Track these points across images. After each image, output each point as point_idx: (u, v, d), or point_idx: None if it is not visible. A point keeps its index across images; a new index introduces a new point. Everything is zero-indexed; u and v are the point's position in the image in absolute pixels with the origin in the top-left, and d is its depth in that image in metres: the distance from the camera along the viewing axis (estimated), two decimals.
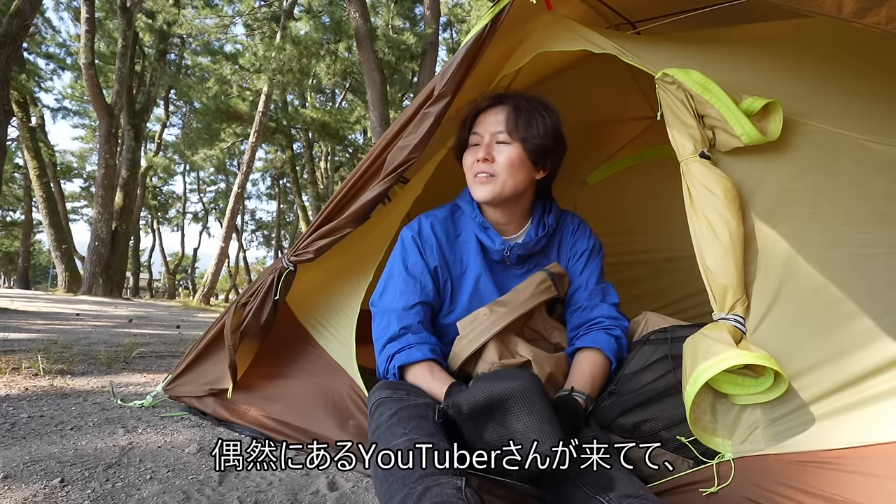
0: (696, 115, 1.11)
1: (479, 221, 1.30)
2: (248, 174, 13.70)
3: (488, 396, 0.87)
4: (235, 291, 27.68)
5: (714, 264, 1.02)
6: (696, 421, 1.01)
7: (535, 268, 1.32)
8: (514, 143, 1.22)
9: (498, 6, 1.30)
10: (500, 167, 1.22)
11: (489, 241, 1.29)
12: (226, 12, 14.96)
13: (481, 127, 1.26)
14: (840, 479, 0.87)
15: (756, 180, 1.07)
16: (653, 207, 2.50)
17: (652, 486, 1.03)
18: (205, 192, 29.92)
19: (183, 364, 1.69)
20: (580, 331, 1.27)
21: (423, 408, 1.00)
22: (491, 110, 1.26)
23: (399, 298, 1.24)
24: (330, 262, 1.56)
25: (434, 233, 1.30)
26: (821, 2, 0.91)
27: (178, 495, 1.08)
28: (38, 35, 15.78)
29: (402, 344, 1.19)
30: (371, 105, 8.26)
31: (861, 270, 0.96)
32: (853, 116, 1.09)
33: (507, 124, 1.22)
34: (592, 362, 1.19)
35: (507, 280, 1.31)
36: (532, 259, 1.33)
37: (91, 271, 10.96)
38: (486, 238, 1.29)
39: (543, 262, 1.33)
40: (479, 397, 0.87)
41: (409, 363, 1.16)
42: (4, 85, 5.82)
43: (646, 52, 1.25)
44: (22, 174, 19.66)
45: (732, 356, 0.92)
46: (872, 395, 0.89)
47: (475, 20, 13.06)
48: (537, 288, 1.24)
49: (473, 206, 1.31)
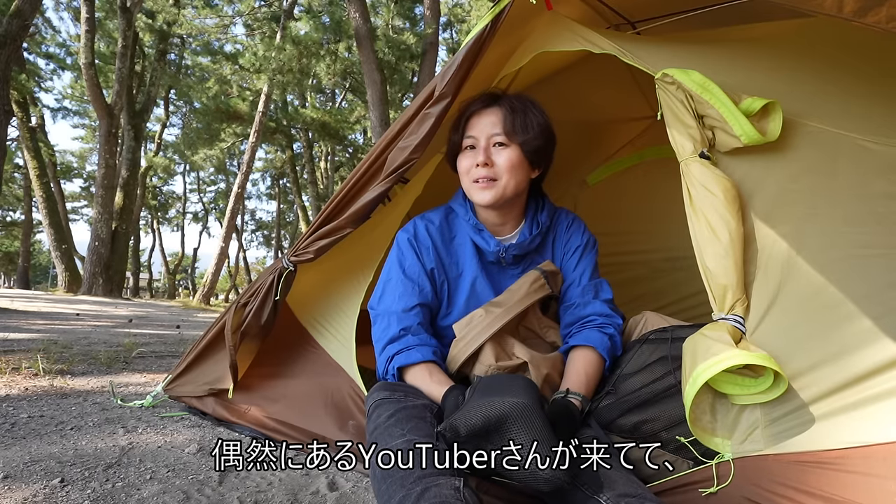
0: (695, 115, 1.11)
1: (472, 224, 1.29)
2: (248, 174, 13.70)
3: (485, 417, 0.84)
4: (235, 291, 27.69)
5: (714, 264, 1.02)
6: (695, 421, 1.01)
7: (530, 266, 1.31)
8: (512, 145, 1.21)
9: (498, 6, 1.30)
10: (500, 170, 1.21)
11: (484, 243, 1.28)
12: (226, 12, 14.97)
13: (476, 129, 1.24)
14: (840, 479, 0.87)
15: (755, 180, 1.07)
16: (653, 207, 2.50)
17: (652, 486, 1.03)
18: (205, 192, 29.96)
19: (183, 364, 1.69)
20: (573, 328, 1.26)
21: (422, 409, 1.00)
22: (484, 112, 1.24)
23: (398, 301, 1.24)
24: (330, 263, 1.56)
25: (430, 235, 1.30)
26: (821, 1, 0.91)
27: (178, 495, 1.08)
28: (38, 35, 15.79)
29: (402, 345, 1.18)
30: (371, 105, 8.26)
31: (860, 271, 0.96)
32: (852, 117, 1.09)
33: (503, 126, 1.21)
34: (586, 361, 1.18)
35: (504, 280, 1.31)
36: (527, 258, 1.33)
37: (91, 271, 10.96)
38: (481, 240, 1.28)
39: (539, 260, 1.33)
40: (476, 419, 0.85)
41: (409, 364, 1.16)
42: (4, 85, 5.82)
43: (645, 53, 1.25)
44: (22, 174, 19.67)
45: (732, 356, 0.92)
46: (872, 396, 0.89)
47: (475, 20, 13.07)
48: (531, 287, 1.24)
49: (467, 208, 1.30)
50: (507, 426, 0.84)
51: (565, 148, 1.36)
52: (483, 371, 1.17)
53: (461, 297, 1.29)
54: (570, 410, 1.05)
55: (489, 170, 1.21)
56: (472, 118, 1.26)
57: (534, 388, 0.93)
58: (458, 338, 1.21)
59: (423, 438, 0.89)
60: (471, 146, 1.25)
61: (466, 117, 1.27)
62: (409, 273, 1.27)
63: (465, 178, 1.27)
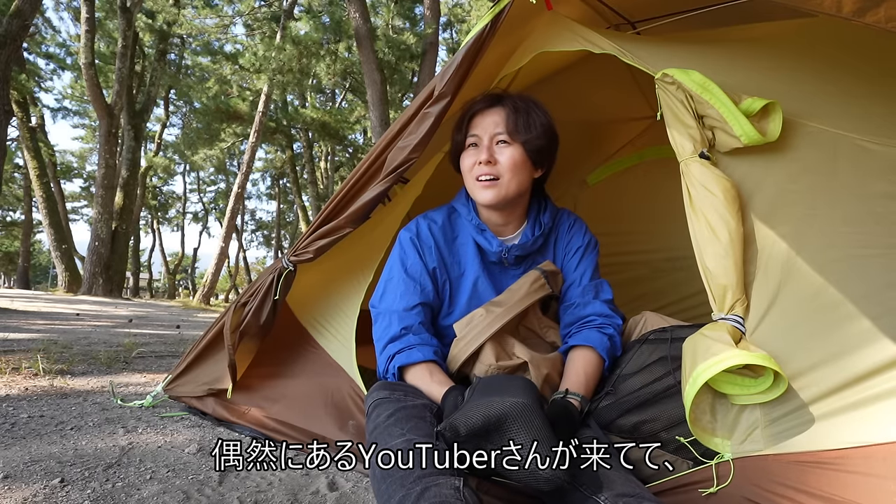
0: (695, 115, 1.11)
1: (475, 224, 1.29)
2: (248, 174, 13.70)
3: (485, 417, 0.84)
4: (235, 291, 27.68)
5: (713, 264, 1.03)
6: (695, 421, 1.01)
7: (532, 266, 1.31)
8: (514, 144, 1.22)
9: (498, 6, 1.30)
10: (503, 168, 1.21)
11: (486, 243, 1.28)
12: (226, 12, 14.97)
13: (479, 128, 1.24)
14: (840, 479, 0.87)
15: (755, 180, 1.07)
16: (652, 207, 2.50)
17: (651, 486, 1.03)
18: (205, 192, 29.96)
19: (183, 364, 1.69)
20: (573, 328, 1.26)
21: (421, 408, 1.00)
22: (488, 111, 1.25)
23: (400, 300, 1.24)
24: (330, 262, 1.56)
25: (432, 234, 1.30)
26: (820, 1, 0.91)
27: (178, 495, 1.08)
28: (38, 35, 15.78)
29: (402, 344, 1.19)
30: (371, 105, 8.26)
31: (859, 271, 0.96)
32: (852, 117, 1.09)
33: (507, 125, 1.21)
34: (586, 361, 1.18)
35: (505, 280, 1.31)
36: (529, 258, 1.33)
37: (91, 271, 10.97)
38: (483, 240, 1.29)
39: (540, 260, 1.33)
40: (476, 419, 0.85)
41: (410, 364, 1.16)
42: (4, 85, 5.82)
43: (646, 53, 1.25)
44: (22, 174, 19.66)
45: (732, 356, 0.92)
46: (872, 396, 0.89)
47: (475, 20, 13.06)
48: (531, 287, 1.24)
49: (469, 208, 1.31)
50: (507, 426, 0.84)
51: (565, 148, 1.36)
52: (483, 371, 1.17)
53: (463, 297, 1.29)
54: (569, 411, 1.05)
55: (492, 167, 1.21)
56: (475, 117, 1.26)
57: (533, 388, 0.93)
58: (458, 337, 1.21)
59: (423, 438, 0.89)
60: (473, 144, 1.25)
61: (470, 116, 1.28)
62: (411, 272, 1.27)
63: (468, 177, 1.27)
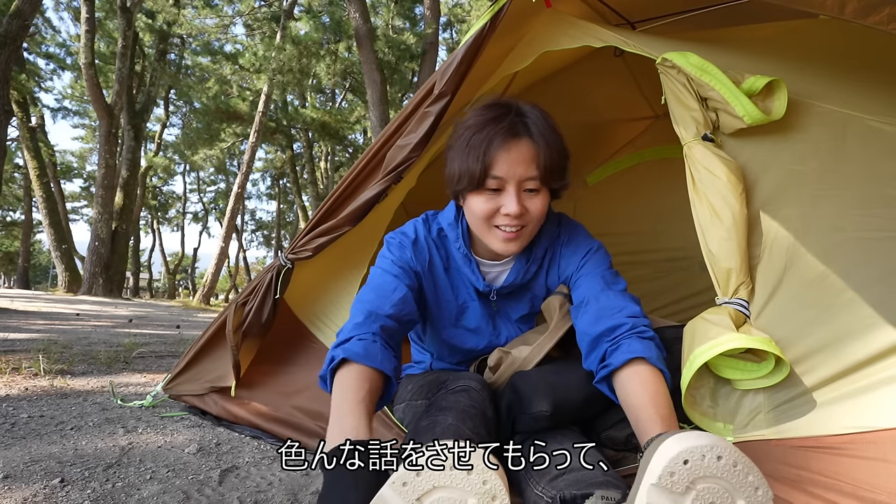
0: (698, 97, 1.09)
1: (463, 254, 1.18)
2: (248, 174, 13.70)
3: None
4: (235, 291, 27.68)
5: (717, 247, 1.01)
6: (694, 406, 0.99)
7: (523, 292, 1.24)
8: (543, 190, 1.06)
9: (497, 4, 1.30)
10: (531, 219, 1.06)
11: (473, 278, 1.19)
12: (226, 12, 14.96)
13: (503, 169, 1.02)
14: (843, 463, 0.85)
15: (762, 162, 1.05)
16: (652, 208, 2.50)
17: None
18: (205, 192, 29.93)
19: (182, 362, 1.69)
20: (606, 345, 1.01)
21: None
22: (513, 145, 1.02)
23: (378, 299, 1.08)
24: (323, 258, 1.54)
25: (427, 246, 1.21)
26: (822, 1, 0.91)
27: (178, 495, 1.08)
28: (38, 35, 15.79)
29: (357, 332, 0.98)
30: (371, 105, 8.27)
31: (867, 254, 0.93)
32: (861, 97, 1.05)
33: (540, 170, 1.03)
34: (650, 384, 0.91)
35: (499, 302, 1.25)
36: (525, 286, 1.24)
37: (91, 271, 10.97)
38: (470, 273, 1.19)
39: (533, 285, 1.25)
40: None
41: (349, 358, 0.93)
42: (4, 85, 5.82)
43: (646, 45, 1.24)
44: (22, 174, 19.66)
45: (730, 339, 0.90)
46: (877, 381, 0.87)
47: (475, 20, 13.03)
48: (561, 310, 1.17)
49: (458, 234, 1.18)
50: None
51: None
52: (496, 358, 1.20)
53: (452, 312, 1.24)
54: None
55: (521, 219, 1.05)
56: (498, 153, 1.02)
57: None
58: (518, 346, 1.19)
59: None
60: (496, 188, 1.04)
61: (489, 147, 1.02)
62: (396, 272, 1.16)
63: (480, 222, 1.08)
